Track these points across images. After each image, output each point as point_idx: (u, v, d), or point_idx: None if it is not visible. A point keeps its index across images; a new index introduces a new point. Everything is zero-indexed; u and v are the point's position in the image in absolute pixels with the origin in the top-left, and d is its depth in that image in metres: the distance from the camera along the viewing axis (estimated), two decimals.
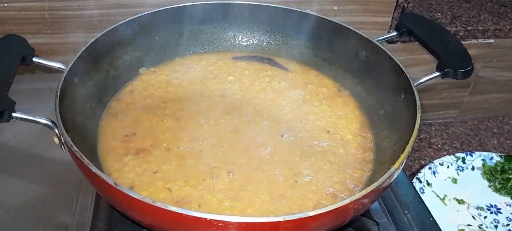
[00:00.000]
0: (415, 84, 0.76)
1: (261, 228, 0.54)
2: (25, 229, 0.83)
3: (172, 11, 0.93)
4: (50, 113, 0.68)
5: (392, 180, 0.63)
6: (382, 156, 0.77)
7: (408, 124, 0.73)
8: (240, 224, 0.53)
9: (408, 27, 0.89)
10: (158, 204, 0.54)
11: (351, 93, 0.92)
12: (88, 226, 0.75)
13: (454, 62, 0.79)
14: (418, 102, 0.72)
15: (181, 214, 0.53)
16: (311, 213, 0.53)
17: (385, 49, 0.84)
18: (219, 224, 0.53)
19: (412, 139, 0.66)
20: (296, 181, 0.72)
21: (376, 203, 0.82)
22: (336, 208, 0.55)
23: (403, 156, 0.64)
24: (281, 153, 0.77)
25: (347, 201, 0.55)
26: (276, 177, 0.73)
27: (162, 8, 0.92)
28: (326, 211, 0.54)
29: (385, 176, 0.60)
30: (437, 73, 0.79)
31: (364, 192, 0.57)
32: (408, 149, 0.65)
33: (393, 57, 0.82)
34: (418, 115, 0.70)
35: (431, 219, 0.81)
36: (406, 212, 0.82)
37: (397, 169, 0.62)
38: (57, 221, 0.84)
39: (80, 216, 0.81)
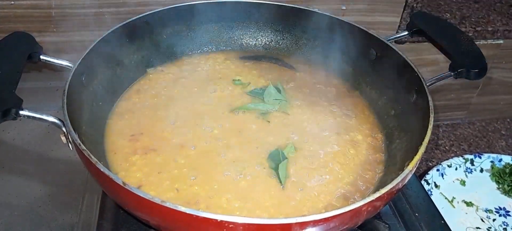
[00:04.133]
0: (427, 84, 0.75)
1: (273, 230, 0.53)
2: (30, 228, 0.82)
3: (179, 9, 0.93)
4: (57, 112, 0.67)
5: (406, 181, 0.62)
6: (393, 157, 0.76)
7: (419, 124, 0.72)
8: (251, 225, 0.52)
9: (420, 26, 0.87)
10: (167, 204, 0.53)
11: (361, 93, 0.91)
12: (94, 226, 0.74)
13: (467, 62, 0.78)
14: (431, 103, 0.71)
15: (191, 215, 0.52)
16: (325, 215, 0.52)
17: (396, 49, 0.83)
18: (230, 226, 0.52)
19: (426, 140, 0.65)
20: (305, 182, 0.71)
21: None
22: (350, 210, 0.54)
23: (417, 157, 0.63)
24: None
25: (360, 203, 0.54)
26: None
27: (169, 7, 0.92)
28: (339, 213, 0.53)
29: (399, 178, 0.59)
30: (450, 73, 0.78)
31: (378, 194, 0.56)
32: (422, 150, 0.64)
33: (405, 57, 0.81)
34: (431, 116, 0.69)
35: (442, 221, 0.80)
36: (416, 214, 0.81)
37: (411, 171, 0.61)
38: (63, 220, 0.84)
39: (86, 216, 0.81)
